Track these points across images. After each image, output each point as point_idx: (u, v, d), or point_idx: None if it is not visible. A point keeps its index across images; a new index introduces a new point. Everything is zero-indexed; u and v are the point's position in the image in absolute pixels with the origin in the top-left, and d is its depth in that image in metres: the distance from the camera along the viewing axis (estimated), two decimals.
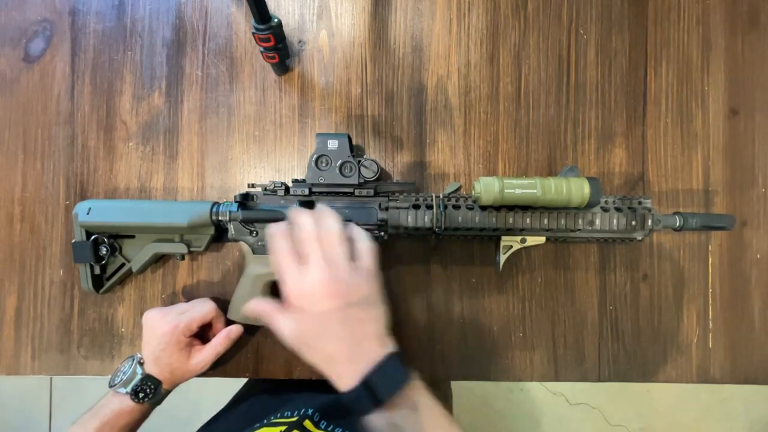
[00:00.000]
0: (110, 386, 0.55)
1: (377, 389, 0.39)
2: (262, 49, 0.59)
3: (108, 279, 0.62)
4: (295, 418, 0.53)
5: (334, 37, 0.66)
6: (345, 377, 0.40)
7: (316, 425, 0.52)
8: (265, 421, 0.54)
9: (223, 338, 0.57)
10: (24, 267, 0.64)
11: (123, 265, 0.61)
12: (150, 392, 0.54)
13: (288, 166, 0.65)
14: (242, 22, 0.66)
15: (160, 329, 0.55)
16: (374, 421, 0.40)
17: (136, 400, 0.53)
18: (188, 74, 0.65)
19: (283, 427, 0.50)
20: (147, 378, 0.54)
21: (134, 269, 0.61)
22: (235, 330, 0.58)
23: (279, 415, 0.55)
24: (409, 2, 0.66)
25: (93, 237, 0.59)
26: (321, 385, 0.62)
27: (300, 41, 0.66)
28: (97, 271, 0.61)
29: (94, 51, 0.66)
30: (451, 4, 0.66)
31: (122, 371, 0.55)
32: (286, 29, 0.62)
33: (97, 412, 0.54)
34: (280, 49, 0.59)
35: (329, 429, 0.52)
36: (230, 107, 0.65)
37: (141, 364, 0.56)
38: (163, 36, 0.66)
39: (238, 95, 0.65)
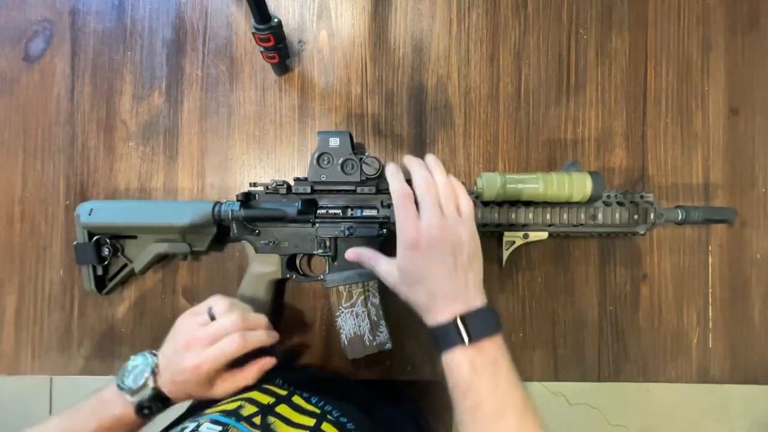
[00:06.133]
0: (118, 386, 0.47)
1: (470, 329, 0.41)
2: (262, 49, 0.59)
3: (110, 280, 0.62)
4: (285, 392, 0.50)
5: (334, 37, 0.66)
6: (440, 313, 0.43)
7: (307, 400, 0.50)
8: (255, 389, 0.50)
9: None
10: (24, 267, 0.64)
11: (125, 265, 0.61)
12: (155, 410, 0.48)
13: (288, 165, 0.65)
14: (242, 22, 0.66)
15: (182, 362, 0.47)
16: (454, 359, 0.42)
17: (138, 414, 0.47)
18: (188, 74, 0.65)
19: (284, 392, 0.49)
20: (157, 395, 0.47)
21: (137, 270, 0.61)
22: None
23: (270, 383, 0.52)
24: (409, 2, 0.66)
25: (95, 238, 0.59)
26: None
27: (300, 41, 0.66)
28: (100, 272, 0.60)
29: (94, 51, 0.66)
30: (451, 4, 0.66)
31: (134, 373, 0.47)
32: (286, 29, 0.62)
33: (98, 411, 0.48)
34: (280, 49, 0.59)
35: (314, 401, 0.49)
36: (230, 107, 0.65)
37: (155, 373, 0.47)
38: (163, 36, 0.66)
39: (238, 95, 0.65)
